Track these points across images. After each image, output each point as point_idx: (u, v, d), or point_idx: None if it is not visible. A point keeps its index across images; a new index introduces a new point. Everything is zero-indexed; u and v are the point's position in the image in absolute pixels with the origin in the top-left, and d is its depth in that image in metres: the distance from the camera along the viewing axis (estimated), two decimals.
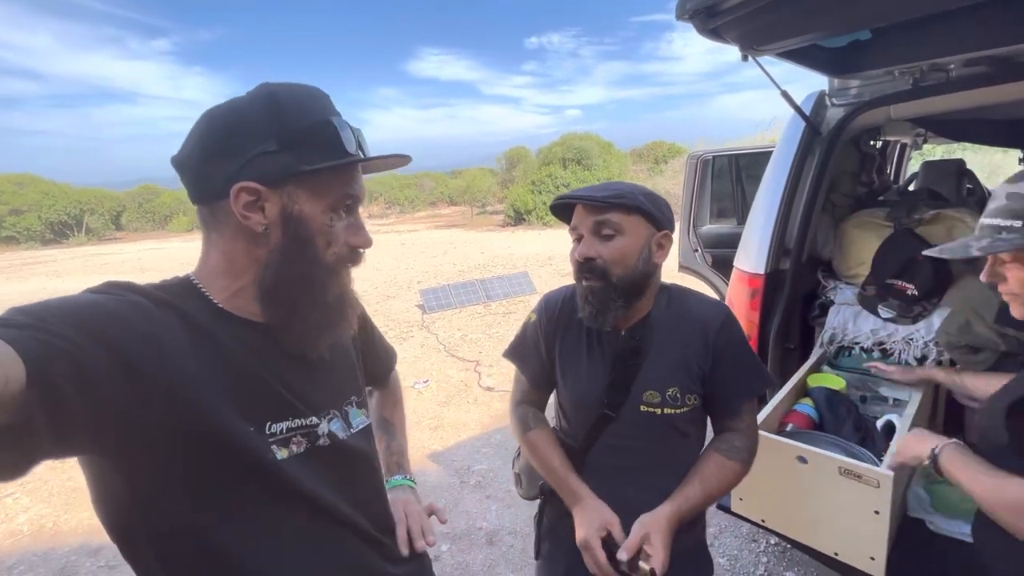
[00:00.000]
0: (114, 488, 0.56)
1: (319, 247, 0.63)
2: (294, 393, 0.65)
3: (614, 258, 0.92)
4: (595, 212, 0.93)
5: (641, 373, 0.97)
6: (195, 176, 0.62)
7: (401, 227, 23.52)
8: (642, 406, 0.97)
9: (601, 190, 0.94)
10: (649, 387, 0.97)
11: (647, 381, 0.97)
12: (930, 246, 1.74)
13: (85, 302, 0.53)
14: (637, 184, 0.99)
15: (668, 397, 0.96)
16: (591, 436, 1.02)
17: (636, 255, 0.93)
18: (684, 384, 0.97)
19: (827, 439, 1.36)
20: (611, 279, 0.93)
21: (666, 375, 0.97)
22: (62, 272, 14.54)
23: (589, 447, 1.02)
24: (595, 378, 1.00)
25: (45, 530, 2.78)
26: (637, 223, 0.93)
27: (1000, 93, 1.47)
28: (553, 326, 1.06)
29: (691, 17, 1.22)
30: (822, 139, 1.82)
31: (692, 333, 0.99)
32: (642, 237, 0.94)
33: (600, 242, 0.93)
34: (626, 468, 1.01)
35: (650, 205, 0.93)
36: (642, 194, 0.94)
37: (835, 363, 1.83)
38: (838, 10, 1.20)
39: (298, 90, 0.63)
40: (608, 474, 1.02)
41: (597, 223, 0.93)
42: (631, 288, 0.94)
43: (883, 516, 1.08)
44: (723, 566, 2.22)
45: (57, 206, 27.69)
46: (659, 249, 0.96)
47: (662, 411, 0.96)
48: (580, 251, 0.94)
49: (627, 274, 0.93)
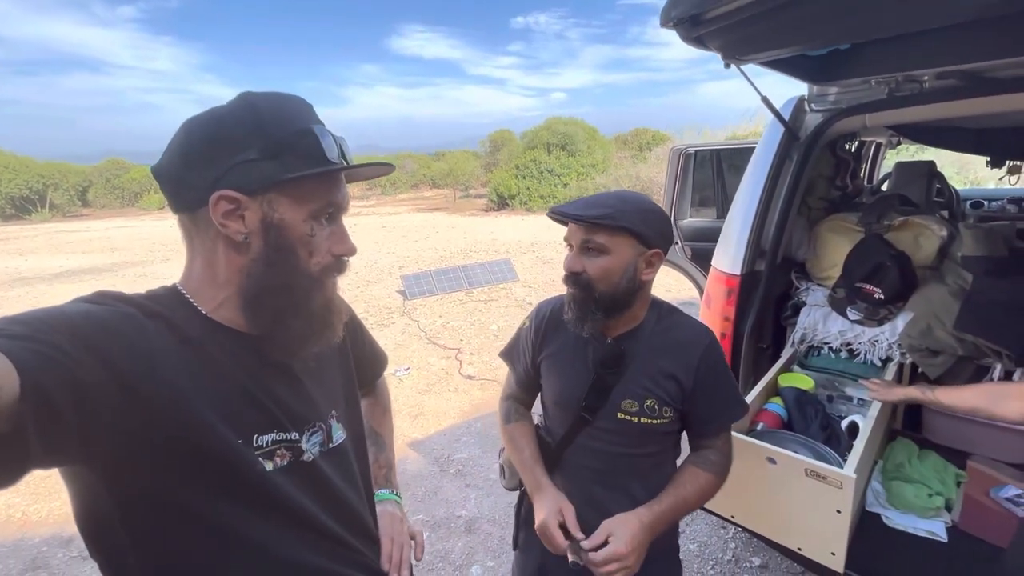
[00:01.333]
0: (97, 500, 0.56)
1: (301, 256, 0.63)
2: (280, 406, 0.66)
3: (597, 275, 0.95)
4: (584, 229, 0.95)
5: (622, 381, 1.00)
6: (175, 185, 0.61)
7: (383, 209, 23.16)
8: (619, 413, 1.00)
9: (592, 206, 0.95)
10: (628, 396, 1.00)
11: (627, 390, 1.00)
12: (898, 251, 1.81)
13: (77, 312, 0.52)
14: (636, 197, 0.99)
15: (646, 407, 0.99)
16: (568, 437, 1.06)
17: (620, 273, 0.95)
18: (662, 398, 0.99)
19: (795, 439, 1.43)
20: (594, 292, 0.96)
21: (646, 386, 1.00)
22: (25, 250, 13.93)
23: (565, 446, 1.06)
24: (577, 381, 1.03)
25: (14, 520, 2.72)
26: (624, 242, 0.95)
27: (970, 106, 1.53)
28: (543, 331, 1.11)
29: (675, 25, 1.23)
30: (800, 144, 1.86)
31: (677, 351, 1.01)
32: (628, 256, 0.95)
33: (586, 257, 0.96)
34: (598, 470, 1.04)
35: (641, 224, 0.94)
36: (636, 212, 0.94)
37: (805, 363, 1.90)
38: (819, 26, 1.23)
39: (279, 99, 0.63)
40: (581, 474, 1.06)
41: (584, 240, 0.96)
42: (612, 303, 0.97)
43: (844, 515, 1.15)
44: (693, 552, 2.32)
45: (18, 180, 26.39)
46: (647, 267, 0.98)
47: (638, 420, 0.99)
48: (567, 263, 0.98)
49: (609, 290, 0.96)
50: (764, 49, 1.33)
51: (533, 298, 6.56)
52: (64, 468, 0.54)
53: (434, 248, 11.41)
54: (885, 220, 1.93)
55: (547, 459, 1.09)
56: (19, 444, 0.43)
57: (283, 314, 0.63)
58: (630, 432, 1.00)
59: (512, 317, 5.66)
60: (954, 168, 9.47)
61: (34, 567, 2.36)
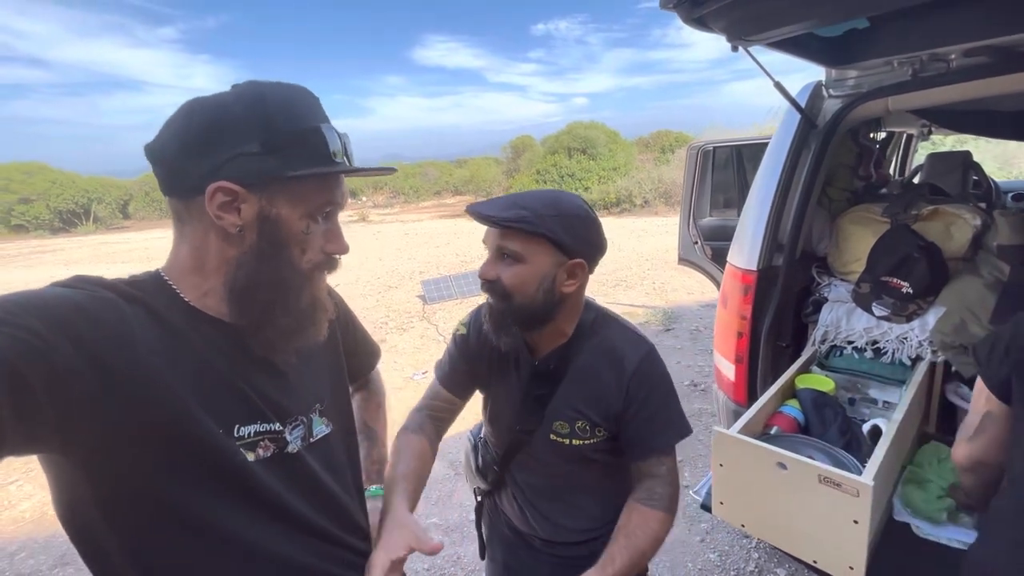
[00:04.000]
0: (76, 488, 0.55)
1: (294, 253, 0.62)
2: (262, 398, 0.64)
3: (512, 284, 0.86)
4: (498, 233, 0.86)
5: (553, 402, 0.94)
6: (169, 168, 0.60)
7: (406, 217, 23.50)
8: (552, 435, 0.94)
9: (509, 206, 0.84)
10: (558, 417, 0.94)
11: (556, 412, 0.94)
12: (927, 243, 1.70)
13: (53, 296, 0.51)
14: (561, 200, 0.87)
15: (577, 429, 0.93)
16: (507, 455, 1.02)
17: (535, 284, 0.86)
18: (592, 420, 0.93)
19: (811, 443, 1.34)
20: (511, 303, 0.87)
21: (576, 408, 0.93)
22: (70, 261, 14.70)
23: (508, 463, 1.03)
24: (509, 401, 0.99)
25: (47, 517, 2.83)
26: (540, 250, 0.84)
27: (1002, 84, 1.42)
28: (480, 341, 1.00)
29: (675, 6, 1.17)
30: (818, 132, 1.77)
31: (608, 368, 0.92)
32: (544, 265, 0.85)
33: (502, 264, 0.87)
34: (542, 487, 1.01)
35: (560, 231, 0.83)
36: (556, 216, 0.83)
37: (826, 363, 1.79)
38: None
39: (288, 92, 0.61)
40: (525, 490, 1.03)
41: (498, 245, 0.86)
42: (528, 317, 0.88)
43: (862, 525, 1.06)
44: (714, 561, 2.22)
45: (65, 195, 27.94)
46: (569, 278, 0.88)
47: (570, 442, 0.94)
48: (480, 270, 0.89)
49: (525, 302, 0.86)
50: (773, 27, 1.26)
51: None
52: (42, 456, 0.54)
53: (455, 253, 11.49)
54: (913, 210, 1.81)
55: (491, 474, 1.07)
56: None
57: (270, 309, 0.62)
58: (563, 453, 0.95)
59: None
60: (996, 162, 8.97)
61: (63, 563, 2.44)
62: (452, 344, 1.08)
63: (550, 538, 1.05)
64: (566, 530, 1.04)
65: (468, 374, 1.05)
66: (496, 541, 1.16)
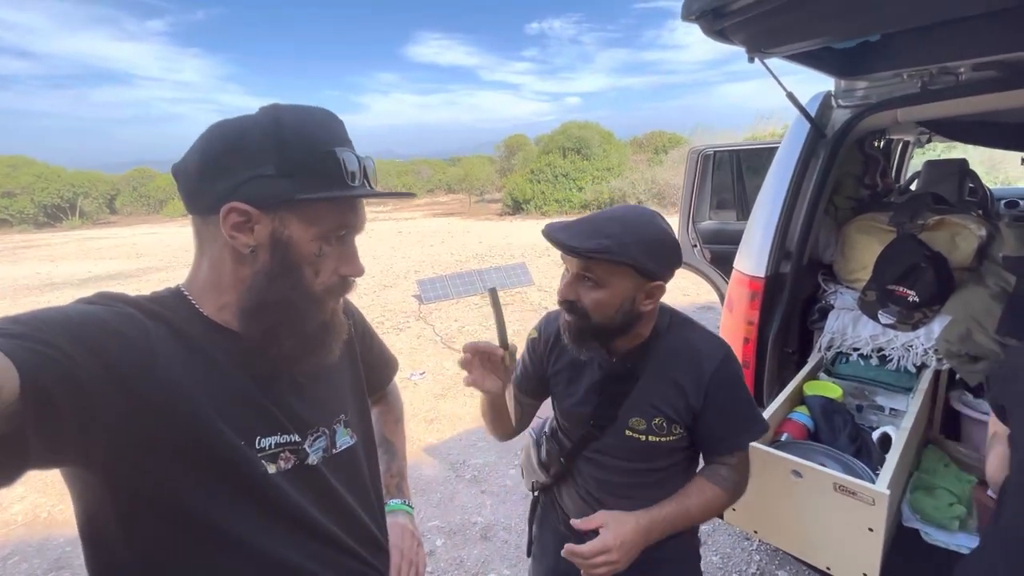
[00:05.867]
0: (98, 504, 0.55)
1: (306, 275, 0.62)
2: (282, 409, 0.65)
3: (592, 307, 0.89)
4: (579, 261, 0.88)
5: (629, 399, 0.97)
6: (189, 187, 0.61)
7: (399, 215, 23.39)
8: (627, 431, 0.97)
9: (591, 234, 0.85)
10: (636, 414, 0.96)
11: (635, 407, 0.96)
12: (933, 252, 1.73)
13: (78, 313, 0.52)
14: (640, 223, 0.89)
15: (654, 425, 0.95)
16: (576, 448, 1.04)
17: (616, 307, 0.89)
18: (670, 416, 0.95)
19: (823, 451, 1.36)
20: (589, 322, 0.90)
21: (655, 404, 0.96)
22: (56, 256, 14.42)
23: (575, 456, 1.05)
24: (584, 397, 1.01)
25: (40, 520, 2.78)
26: (623, 276, 0.87)
27: (1010, 99, 1.45)
28: (551, 343, 1.07)
29: (698, 18, 1.18)
30: (826, 141, 1.79)
31: (687, 367, 0.96)
32: (626, 290, 0.88)
33: (582, 287, 0.89)
34: (606, 481, 1.03)
35: (644, 257, 0.85)
36: (638, 243, 0.85)
37: (832, 370, 1.82)
38: (847, 15, 1.17)
39: (305, 115, 0.62)
40: (589, 483, 1.05)
41: (581, 268, 0.89)
42: (607, 333, 0.92)
43: (877, 533, 1.08)
44: (716, 564, 2.24)
45: (50, 189, 27.45)
46: (647, 298, 0.91)
47: (646, 438, 0.96)
48: (560, 291, 0.92)
49: (605, 322, 0.90)
50: (790, 41, 1.28)
51: (548, 302, 6.51)
52: (64, 469, 0.54)
53: (450, 252, 11.46)
54: (919, 219, 1.84)
55: (556, 466, 1.09)
56: (18, 444, 0.43)
57: (277, 330, 0.62)
58: (637, 449, 0.97)
59: (527, 321, 5.62)
60: (984, 167, 9.16)
61: (57, 567, 2.40)
62: (525, 348, 1.13)
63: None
64: None
65: (540, 376, 1.10)
66: (548, 539, 1.16)
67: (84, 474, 0.54)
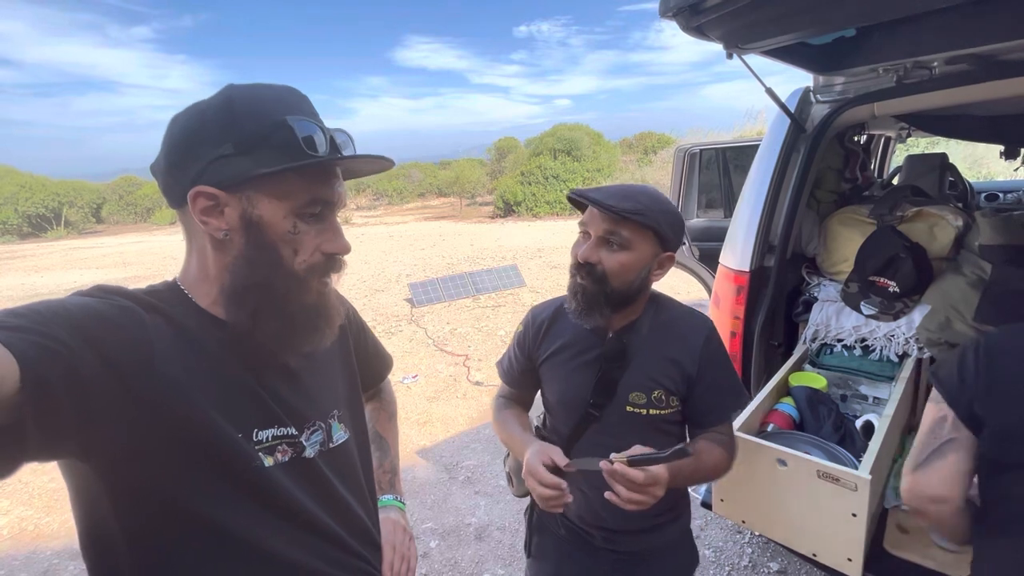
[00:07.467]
0: (95, 495, 0.55)
1: (284, 255, 0.61)
2: (279, 402, 0.64)
3: (614, 270, 0.92)
4: (609, 220, 0.91)
5: (627, 375, 0.99)
6: (162, 181, 0.61)
7: (390, 219, 23.32)
8: (628, 406, 0.99)
9: (622, 198, 0.90)
10: (635, 388, 0.98)
11: (633, 383, 0.99)
12: (912, 243, 1.76)
13: (76, 305, 0.52)
14: (661, 196, 0.95)
15: (653, 399, 0.98)
16: (574, 434, 1.04)
17: (636, 271, 0.93)
18: (669, 388, 0.98)
19: (807, 440, 1.38)
20: (606, 287, 0.93)
21: (653, 377, 0.98)
22: (41, 267, 14.20)
23: (572, 444, 1.05)
24: (581, 380, 1.02)
25: (26, 533, 2.73)
26: (647, 240, 0.92)
27: (982, 91, 1.48)
28: (540, 334, 1.09)
29: (674, 15, 1.20)
30: (807, 136, 1.82)
31: (679, 341, 1.00)
32: (647, 255, 0.93)
33: (605, 249, 0.92)
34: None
35: (666, 226, 0.92)
36: (662, 212, 0.91)
37: (817, 361, 1.84)
38: (822, 9, 1.19)
39: (258, 91, 0.60)
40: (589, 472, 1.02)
41: (608, 231, 0.92)
42: (621, 299, 0.95)
43: (860, 518, 1.10)
44: (708, 557, 2.26)
45: (35, 199, 27.02)
46: (659, 268, 0.96)
47: (647, 412, 0.98)
48: (583, 253, 0.93)
49: (623, 287, 0.93)
50: (767, 36, 1.30)
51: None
52: (61, 462, 0.54)
53: (441, 255, 11.44)
54: (897, 211, 1.87)
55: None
56: (17, 436, 0.43)
57: (260, 313, 0.60)
58: (638, 424, 0.99)
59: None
60: (966, 163, 9.31)
61: None
62: (513, 343, 1.16)
63: (615, 527, 1.06)
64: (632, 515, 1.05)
65: (529, 369, 1.12)
66: (548, 543, 1.15)
67: (82, 467, 0.53)
